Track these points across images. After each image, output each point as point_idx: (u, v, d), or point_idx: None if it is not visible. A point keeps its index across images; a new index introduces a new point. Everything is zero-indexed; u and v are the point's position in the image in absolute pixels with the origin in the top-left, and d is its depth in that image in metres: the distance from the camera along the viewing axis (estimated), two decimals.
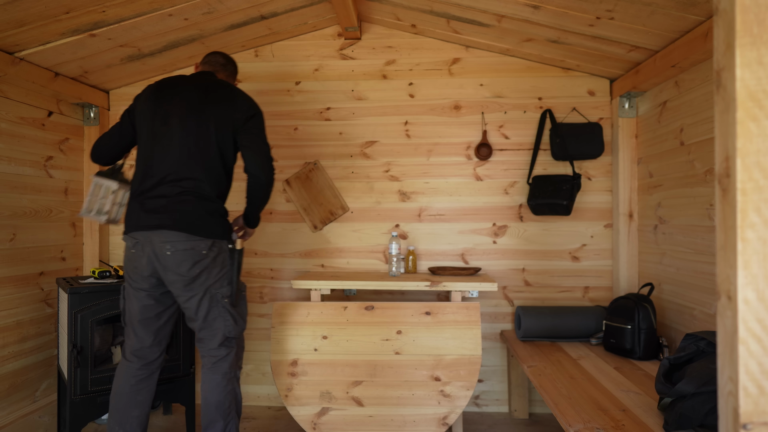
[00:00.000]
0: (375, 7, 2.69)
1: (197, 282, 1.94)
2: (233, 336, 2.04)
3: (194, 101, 2.01)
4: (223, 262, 2.01)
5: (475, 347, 2.34)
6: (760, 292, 0.69)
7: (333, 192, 2.93)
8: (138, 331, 2.01)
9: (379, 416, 2.32)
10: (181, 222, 1.92)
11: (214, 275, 1.97)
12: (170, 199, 1.93)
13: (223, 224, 2.01)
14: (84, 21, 2.19)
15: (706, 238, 2.09)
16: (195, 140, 1.96)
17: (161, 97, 2.01)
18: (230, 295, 2.02)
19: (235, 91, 2.08)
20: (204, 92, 2.03)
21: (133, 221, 1.94)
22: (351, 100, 2.94)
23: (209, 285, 1.97)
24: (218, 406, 2.01)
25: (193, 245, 1.92)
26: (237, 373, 2.08)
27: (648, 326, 2.24)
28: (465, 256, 2.90)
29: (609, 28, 2.18)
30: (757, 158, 0.69)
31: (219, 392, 2.01)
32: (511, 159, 2.88)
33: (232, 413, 2.03)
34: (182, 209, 1.93)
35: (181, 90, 2.02)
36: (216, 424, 2.00)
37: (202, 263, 1.94)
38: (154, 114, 2.00)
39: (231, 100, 2.05)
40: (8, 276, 2.41)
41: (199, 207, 1.94)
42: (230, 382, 2.03)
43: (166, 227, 1.91)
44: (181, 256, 1.92)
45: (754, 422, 0.69)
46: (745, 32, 0.69)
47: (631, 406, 1.70)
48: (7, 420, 2.37)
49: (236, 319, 2.04)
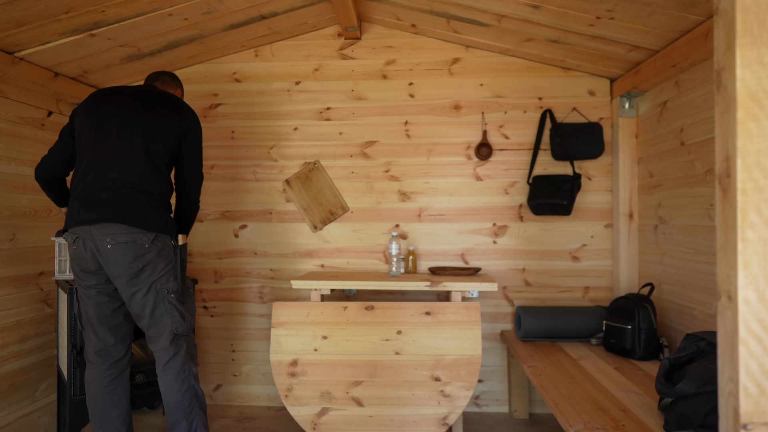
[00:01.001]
0: (375, 7, 2.69)
1: (141, 276, 1.92)
2: (181, 333, 2.00)
3: (145, 103, 2.03)
4: (168, 257, 1.98)
5: (475, 347, 2.34)
6: (761, 292, 0.69)
7: (333, 192, 2.93)
8: (98, 331, 2.00)
9: (379, 416, 2.32)
10: (122, 214, 1.89)
11: (159, 270, 1.95)
12: (112, 192, 1.91)
13: (167, 219, 1.98)
14: (84, 21, 2.19)
15: (706, 238, 2.08)
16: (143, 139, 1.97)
17: (98, 107, 2.01)
18: (176, 291, 2.00)
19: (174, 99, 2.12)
20: (150, 95, 2.06)
21: (73, 217, 1.92)
22: (351, 100, 2.94)
23: (154, 280, 1.94)
24: (177, 406, 1.99)
25: (134, 238, 1.90)
26: (192, 369, 2.04)
27: (648, 326, 2.24)
28: (465, 256, 2.90)
29: (609, 28, 2.18)
30: (757, 158, 0.69)
31: (175, 392, 1.99)
32: (511, 159, 2.88)
33: (195, 410, 2.01)
34: (123, 202, 1.91)
35: (117, 98, 2.03)
36: (180, 423, 1.99)
37: (145, 257, 1.91)
38: (93, 122, 1.99)
39: (178, 106, 2.09)
40: (8, 276, 2.41)
41: (141, 200, 1.93)
42: (185, 380, 2.00)
43: (106, 220, 1.88)
44: (123, 248, 1.89)
45: (754, 422, 0.69)
46: (746, 32, 0.69)
47: (632, 406, 1.70)
48: (7, 420, 2.37)
49: (184, 316, 2.01)
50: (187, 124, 2.09)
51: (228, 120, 3.01)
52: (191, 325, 2.04)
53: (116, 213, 1.88)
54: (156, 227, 1.93)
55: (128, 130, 1.98)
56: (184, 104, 2.13)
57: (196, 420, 2.00)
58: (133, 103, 2.02)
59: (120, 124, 1.98)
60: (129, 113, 1.99)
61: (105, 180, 1.92)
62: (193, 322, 2.05)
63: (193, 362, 2.05)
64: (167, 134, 2.02)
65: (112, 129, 1.98)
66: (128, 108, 2.01)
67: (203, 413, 2.05)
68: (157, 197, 1.97)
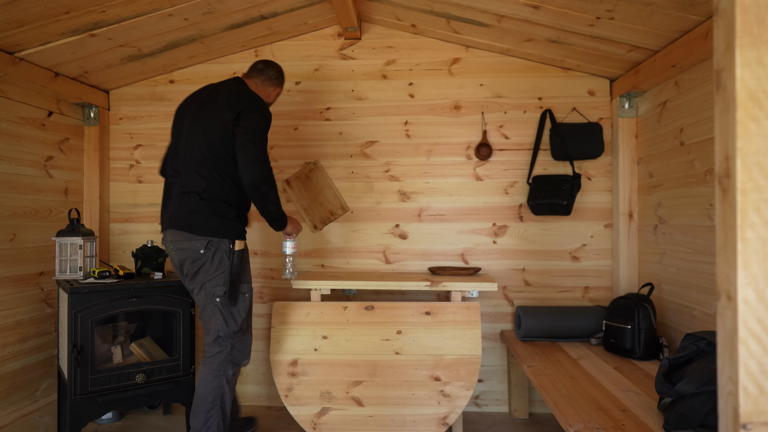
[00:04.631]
0: (375, 7, 2.69)
1: (197, 278, 2.05)
2: (223, 335, 2.07)
3: (199, 105, 2.09)
4: (221, 261, 2.04)
5: (475, 347, 2.34)
6: (760, 292, 0.69)
7: (333, 192, 2.93)
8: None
9: (379, 416, 2.32)
10: (181, 220, 2.02)
11: (210, 273, 2.04)
12: (176, 199, 2.05)
13: (225, 224, 2.03)
14: (84, 21, 2.19)
15: (706, 238, 2.08)
16: (196, 143, 2.04)
17: (183, 106, 2.16)
18: (223, 295, 2.05)
19: (234, 89, 2.09)
20: (208, 95, 2.10)
21: (161, 221, 2.15)
22: (351, 100, 2.94)
23: (205, 281, 2.05)
24: (202, 399, 2.04)
25: (190, 244, 2.01)
26: (228, 371, 2.09)
27: (648, 326, 2.24)
28: (465, 256, 2.90)
29: (609, 28, 2.18)
30: (757, 158, 0.69)
31: (205, 385, 2.06)
32: (511, 159, 2.88)
33: (215, 409, 2.05)
34: (181, 208, 2.03)
35: (197, 96, 2.14)
36: (198, 416, 2.03)
37: (199, 261, 2.02)
38: (175, 122, 2.16)
39: (226, 98, 2.05)
40: (8, 276, 2.41)
41: (198, 206, 2.01)
42: (217, 378, 2.06)
43: (171, 227, 2.05)
44: (182, 254, 2.04)
45: (754, 422, 0.69)
46: (745, 32, 0.69)
47: (631, 406, 1.70)
48: (7, 420, 2.37)
49: (227, 320, 2.06)
50: (239, 110, 2.00)
51: None
52: (234, 330, 2.09)
53: (174, 219, 2.04)
54: (210, 232, 2.00)
55: (189, 133, 2.07)
56: (242, 94, 2.05)
57: (214, 418, 2.05)
58: (196, 105, 2.10)
59: (185, 128, 2.10)
60: (191, 116, 2.09)
61: (174, 186, 2.09)
62: (236, 327, 2.10)
63: (232, 365, 2.11)
64: (219, 132, 2.01)
65: (181, 133, 2.11)
66: (191, 110, 2.11)
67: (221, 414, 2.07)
68: (215, 201, 2.02)
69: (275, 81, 2.29)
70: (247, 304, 2.14)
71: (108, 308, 2.34)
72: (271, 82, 2.28)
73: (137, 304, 2.42)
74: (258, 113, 2.04)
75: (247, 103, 2.04)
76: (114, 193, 3.05)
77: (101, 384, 2.31)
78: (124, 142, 3.04)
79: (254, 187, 1.99)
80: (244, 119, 2.00)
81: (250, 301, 2.16)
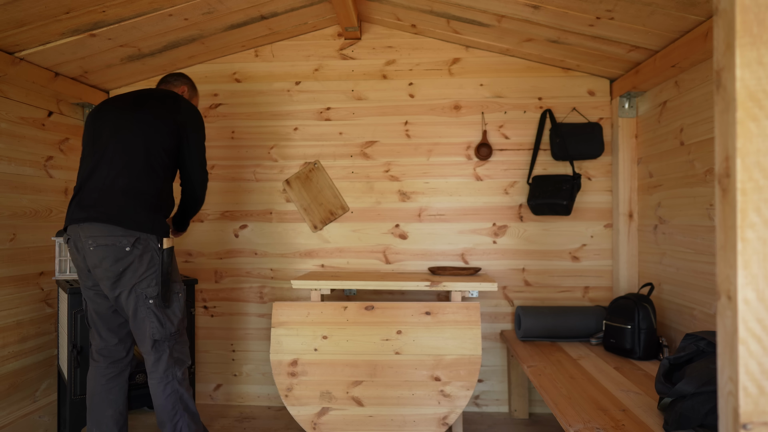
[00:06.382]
0: (375, 7, 2.69)
1: (123, 279, 1.89)
2: (159, 339, 1.96)
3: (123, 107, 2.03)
4: (151, 261, 1.92)
5: (475, 347, 2.34)
6: (760, 292, 0.69)
7: (333, 192, 2.93)
8: (100, 330, 2.02)
9: (379, 416, 2.32)
10: (106, 213, 1.87)
11: (139, 273, 1.90)
12: (102, 192, 1.90)
13: (155, 219, 1.93)
14: (84, 21, 2.19)
15: (706, 238, 2.08)
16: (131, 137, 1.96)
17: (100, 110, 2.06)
18: (156, 296, 1.93)
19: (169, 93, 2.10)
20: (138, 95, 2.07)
21: (68, 215, 1.94)
22: (351, 100, 2.94)
23: (135, 283, 1.90)
24: (161, 409, 1.98)
25: (114, 241, 1.86)
26: (177, 373, 1.99)
27: (648, 326, 2.24)
28: (465, 256, 2.90)
29: (609, 28, 2.18)
30: (757, 158, 0.69)
31: (159, 396, 1.97)
32: (511, 159, 2.88)
33: (179, 413, 1.98)
34: (110, 202, 1.89)
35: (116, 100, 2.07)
36: (164, 425, 1.98)
37: (125, 260, 1.88)
38: (93, 125, 2.03)
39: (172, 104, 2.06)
40: (8, 276, 2.41)
41: (130, 200, 1.90)
42: (168, 385, 1.97)
43: (91, 219, 1.86)
44: (103, 251, 1.86)
45: (754, 422, 0.69)
46: (745, 32, 0.69)
47: (631, 406, 1.70)
48: (7, 420, 2.37)
49: (162, 322, 1.95)
50: (184, 119, 2.04)
51: (228, 120, 3.01)
52: (170, 332, 1.97)
53: (101, 212, 1.86)
54: (140, 227, 1.88)
55: (121, 129, 1.98)
56: (182, 100, 2.09)
57: (181, 422, 1.98)
58: (128, 103, 2.03)
59: (113, 124, 1.99)
60: (122, 112, 2.00)
61: (99, 180, 1.92)
62: (173, 329, 1.98)
63: (178, 366, 2.00)
64: (161, 131, 1.98)
65: (105, 129, 1.99)
66: (122, 108, 2.02)
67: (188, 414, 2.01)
68: (148, 197, 1.93)
69: (176, 82, 2.31)
70: (182, 304, 2.04)
71: None
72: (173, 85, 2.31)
73: None
74: (202, 128, 2.13)
75: (196, 118, 2.10)
76: None
77: None
78: None
79: (198, 202, 2.18)
80: (193, 134, 2.08)
81: (184, 301, 2.06)
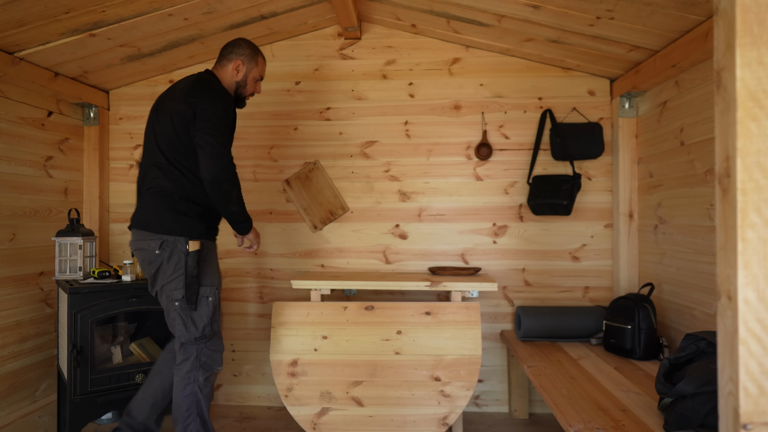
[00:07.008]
0: (375, 7, 2.69)
1: (156, 281, 1.98)
2: (185, 342, 1.97)
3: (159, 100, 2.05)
4: (178, 263, 1.92)
5: (475, 347, 2.34)
6: (761, 292, 0.69)
7: (333, 192, 2.93)
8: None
9: (379, 416, 2.32)
10: (140, 218, 1.96)
11: (168, 275, 1.93)
12: (140, 197, 2.00)
13: (181, 221, 1.90)
14: (84, 21, 2.19)
15: (706, 238, 2.08)
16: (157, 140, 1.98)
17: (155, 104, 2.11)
18: (181, 299, 1.92)
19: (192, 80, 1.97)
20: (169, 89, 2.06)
21: None
22: (351, 100, 2.94)
23: (164, 284, 1.95)
24: (177, 407, 1.99)
25: (145, 244, 1.94)
26: (199, 378, 1.99)
27: (648, 326, 2.24)
28: (465, 256, 2.90)
29: (609, 28, 2.18)
30: (757, 158, 0.69)
31: (177, 393, 1.99)
32: (511, 159, 2.88)
33: (192, 417, 1.99)
34: (141, 206, 1.96)
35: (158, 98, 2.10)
36: (177, 424, 2.00)
37: (156, 262, 1.93)
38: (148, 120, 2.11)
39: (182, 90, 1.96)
40: (8, 276, 2.40)
41: (156, 202, 1.92)
42: (188, 386, 1.98)
43: (132, 225, 1.98)
44: (140, 255, 1.97)
45: (754, 422, 0.69)
46: (746, 32, 0.69)
47: (631, 406, 1.70)
48: (7, 420, 2.37)
49: (187, 325, 1.95)
50: (193, 103, 1.88)
51: None
52: (195, 336, 1.97)
53: (136, 218, 1.97)
54: (167, 229, 1.89)
55: (148, 129, 2.04)
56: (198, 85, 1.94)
57: (192, 425, 2.00)
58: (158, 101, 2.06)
59: (148, 123, 2.06)
60: (152, 112, 2.05)
61: (138, 184, 2.04)
62: (197, 333, 1.97)
63: (202, 369, 2.00)
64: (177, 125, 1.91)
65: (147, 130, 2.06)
66: (154, 107, 2.07)
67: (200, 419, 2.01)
68: (176, 198, 1.91)
69: (230, 55, 2.09)
70: (211, 308, 1.98)
71: (108, 308, 2.34)
72: (228, 59, 2.09)
73: (137, 304, 2.42)
74: (213, 104, 1.89)
75: (202, 96, 1.90)
76: (114, 193, 3.05)
77: (101, 384, 2.31)
78: (124, 142, 3.04)
79: (214, 183, 1.85)
80: (199, 112, 1.87)
81: (216, 305, 2.00)
